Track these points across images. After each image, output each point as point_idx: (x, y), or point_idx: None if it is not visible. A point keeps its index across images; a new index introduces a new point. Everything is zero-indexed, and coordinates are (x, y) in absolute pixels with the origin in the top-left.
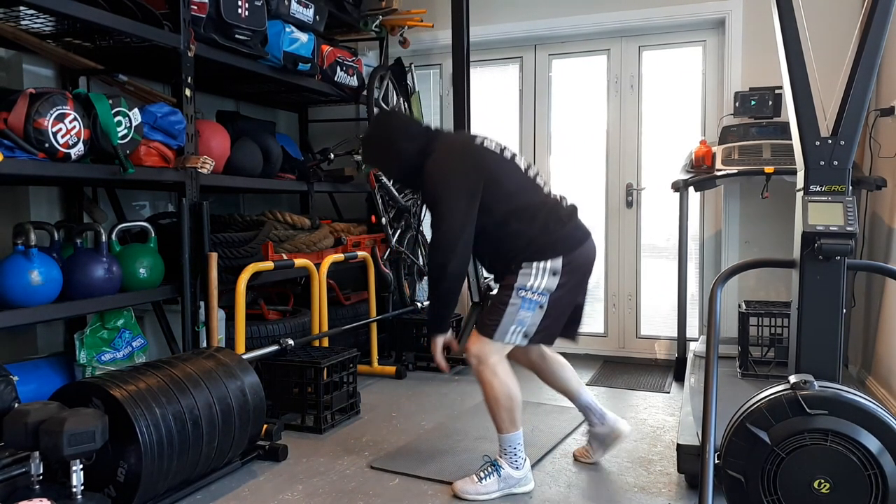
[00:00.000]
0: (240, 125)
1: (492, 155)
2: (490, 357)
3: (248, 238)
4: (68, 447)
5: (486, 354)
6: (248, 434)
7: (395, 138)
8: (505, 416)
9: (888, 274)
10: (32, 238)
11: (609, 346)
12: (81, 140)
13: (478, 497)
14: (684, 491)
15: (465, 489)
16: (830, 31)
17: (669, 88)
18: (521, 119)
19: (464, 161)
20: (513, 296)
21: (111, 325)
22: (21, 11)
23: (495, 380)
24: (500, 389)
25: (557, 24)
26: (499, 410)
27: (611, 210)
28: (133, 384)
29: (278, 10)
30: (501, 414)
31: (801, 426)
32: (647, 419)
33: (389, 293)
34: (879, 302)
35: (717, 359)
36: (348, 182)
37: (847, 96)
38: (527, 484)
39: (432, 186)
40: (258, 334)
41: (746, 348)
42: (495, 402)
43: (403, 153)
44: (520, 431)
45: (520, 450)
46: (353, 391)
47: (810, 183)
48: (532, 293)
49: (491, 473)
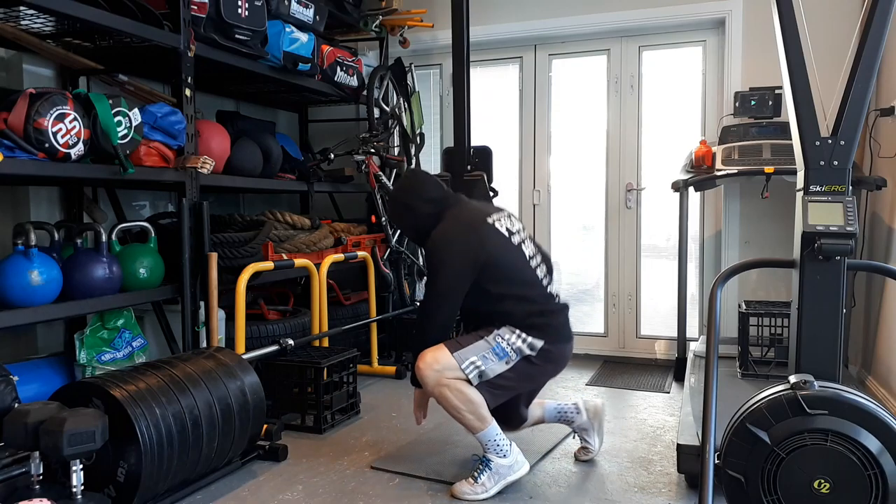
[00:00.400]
0: (240, 125)
1: (497, 237)
2: (445, 370)
3: (248, 238)
4: (68, 447)
5: (442, 365)
6: (248, 434)
7: (413, 199)
8: (471, 418)
9: (888, 274)
10: (32, 238)
11: (609, 346)
12: (81, 140)
13: (476, 496)
14: (684, 491)
15: (462, 490)
16: (830, 30)
17: (669, 88)
18: (521, 119)
19: (467, 239)
20: (489, 336)
21: (111, 325)
22: (21, 11)
23: (447, 390)
24: (455, 396)
25: (557, 24)
26: (463, 416)
27: (611, 210)
28: (133, 384)
29: (278, 10)
30: (467, 417)
31: (801, 426)
32: (647, 419)
33: (389, 293)
34: (879, 302)
35: (717, 359)
36: (348, 182)
37: (847, 96)
38: (520, 468)
39: (431, 254)
40: (258, 334)
41: (746, 348)
42: (457, 411)
43: (418, 214)
44: (493, 425)
45: (500, 439)
46: (353, 391)
47: (810, 183)
48: (507, 344)
49: (483, 470)
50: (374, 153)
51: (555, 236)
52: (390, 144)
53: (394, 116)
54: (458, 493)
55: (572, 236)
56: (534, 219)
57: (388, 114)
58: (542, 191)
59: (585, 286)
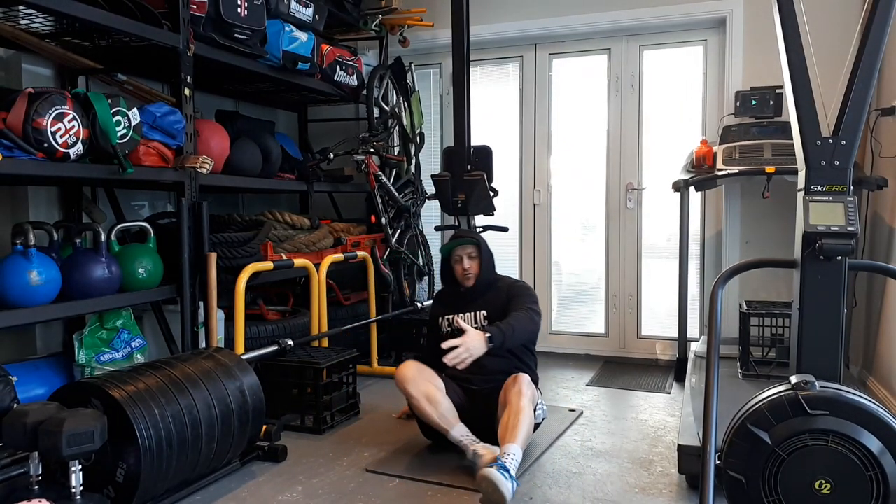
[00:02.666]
0: (239, 125)
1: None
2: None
3: (247, 238)
4: (67, 448)
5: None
6: (247, 435)
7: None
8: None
9: (889, 274)
10: (31, 238)
11: (609, 346)
12: (80, 140)
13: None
14: (685, 492)
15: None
16: (831, 30)
17: (670, 88)
18: (522, 118)
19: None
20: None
21: (110, 325)
22: (20, 11)
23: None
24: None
25: (558, 23)
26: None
27: (611, 210)
28: (132, 384)
29: (278, 10)
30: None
31: (802, 426)
32: (647, 420)
33: (389, 293)
34: (880, 302)
35: (717, 359)
36: (348, 182)
37: (848, 96)
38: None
39: (527, 293)
40: (257, 335)
41: (747, 348)
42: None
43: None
44: (451, 431)
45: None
46: (353, 392)
47: (811, 183)
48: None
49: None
50: (374, 153)
51: (555, 236)
52: (390, 144)
53: (394, 116)
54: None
55: (573, 236)
56: (534, 219)
57: (388, 113)
58: (542, 190)
59: (586, 286)
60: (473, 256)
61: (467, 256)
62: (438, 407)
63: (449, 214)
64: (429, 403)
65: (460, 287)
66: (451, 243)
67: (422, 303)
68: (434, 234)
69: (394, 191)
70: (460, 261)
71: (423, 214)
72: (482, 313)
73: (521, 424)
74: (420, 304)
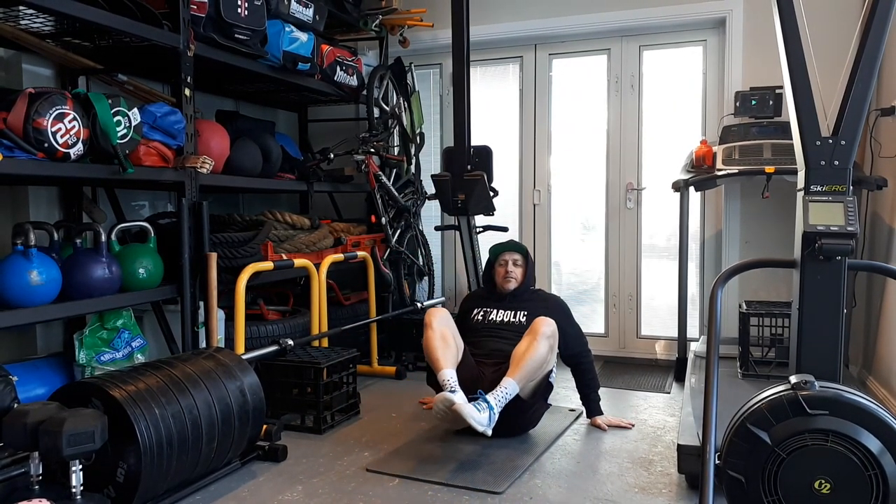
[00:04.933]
0: (239, 125)
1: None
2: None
3: (247, 238)
4: (68, 447)
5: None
6: (247, 434)
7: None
8: (439, 358)
9: (889, 274)
10: (32, 238)
11: (609, 346)
12: (81, 140)
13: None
14: (685, 491)
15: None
16: (831, 30)
17: (670, 88)
18: (522, 119)
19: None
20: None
21: (110, 325)
22: (20, 11)
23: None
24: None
25: (557, 23)
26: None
27: (611, 210)
28: (132, 384)
29: (278, 10)
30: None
31: (801, 426)
32: (647, 419)
33: (389, 293)
34: (880, 302)
35: (717, 359)
36: (348, 182)
37: (848, 96)
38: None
39: (562, 310)
40: (258, 334)
41: (747, 348)
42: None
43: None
44: (443, 370)
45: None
46: (353, 391)
47: (811, 183)
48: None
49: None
50: (374, 153)
51: (555, 236)
52: (390, 144)
53: (394, 116)
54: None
55: (573, 236)
56: (534, 219)
57: (388, 113)
58: (542, 190)
59: (586, 286)
60: (519, 264)
61: (513, 262)
62: (446, 348)
63: (449, 214)
64: (441, 340)
65: (499, 290)
66: (500, 246)
67: (422, 303)
68: (434, 234)
69: (394, 191)
70: (505, 264)
71: (423, 214)
72: (522, 313)
73: (527, 360)
74: (420, 304)
